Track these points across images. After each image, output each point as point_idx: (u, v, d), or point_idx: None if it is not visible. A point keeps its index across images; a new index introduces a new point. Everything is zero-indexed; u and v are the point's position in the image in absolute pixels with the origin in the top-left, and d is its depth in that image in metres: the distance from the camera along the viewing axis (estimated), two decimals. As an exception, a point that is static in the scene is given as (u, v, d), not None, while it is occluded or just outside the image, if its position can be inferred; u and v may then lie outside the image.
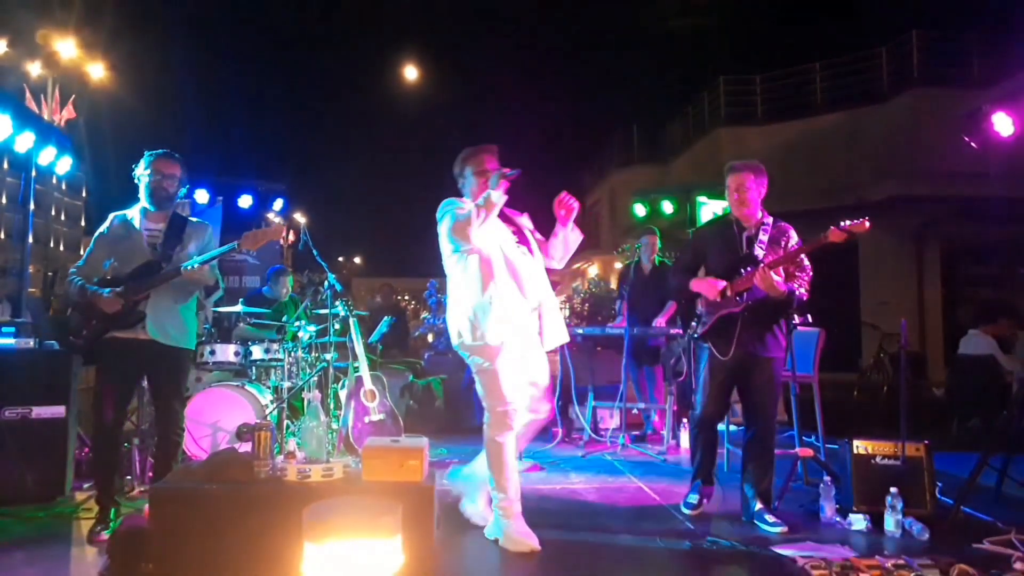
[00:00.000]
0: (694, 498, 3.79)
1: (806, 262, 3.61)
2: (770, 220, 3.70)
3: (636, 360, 5.96)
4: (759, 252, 3.57)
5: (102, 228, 3.57)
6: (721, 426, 4.35)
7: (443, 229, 3.26)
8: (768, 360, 3.60)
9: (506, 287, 3.19)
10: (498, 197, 3.12)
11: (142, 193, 3.52)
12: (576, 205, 3.34)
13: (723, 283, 3.57)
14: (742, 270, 3.54)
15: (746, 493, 3.66)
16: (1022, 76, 10.33)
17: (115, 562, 2.77)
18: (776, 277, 3.42)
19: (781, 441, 6.06)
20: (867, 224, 3.34)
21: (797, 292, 3.53)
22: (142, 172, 3.51)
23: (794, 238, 3.68)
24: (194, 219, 3.70)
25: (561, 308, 9.59)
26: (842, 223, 3.36)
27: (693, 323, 3.76)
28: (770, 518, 3.53)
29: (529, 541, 3.13)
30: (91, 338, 3.40)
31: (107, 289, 3.34)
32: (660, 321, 5.94)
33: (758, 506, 3.59)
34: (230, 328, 5.74)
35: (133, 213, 3.56)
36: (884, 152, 12.57)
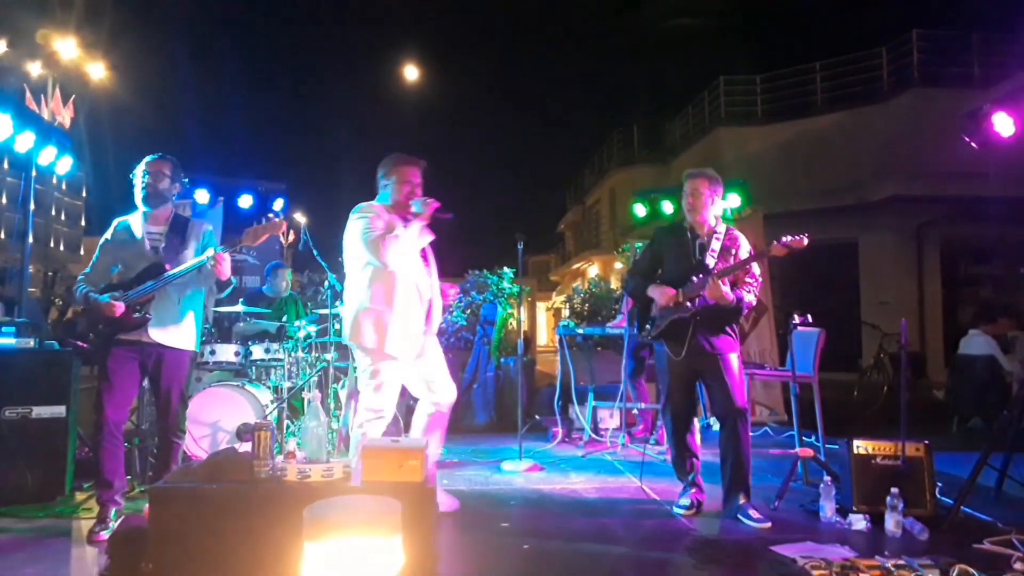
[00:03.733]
0: (686, 500, 3.80)
1: (756, 269, 3.77)
2: (723, 229, 3.82)
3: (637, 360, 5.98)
4: (710, 260, 3.71)
5: (106, 235, 3.58)
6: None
7: (355, 236, 3.51)
8: (720, 356, 3.69)
9: (409, 304, 3.52)
10: (415, 233, 3.48)
11: (137, 198, 3.54)
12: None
13: (673, 291, 3.70)
14: (693, 277, 3.67)
15: (726, 490, 3.70)
16: (1022, 76, 10.33)
17: (115, 562, 2.77)
18: (724, 287, 3.57)
19: (781, 441, 6.10)
20: (806, 241, 3.56)
21: (745, 299, 3.68)
22: (138, 174, 3.52)
23: (745, 247, 3.82)
24: (195, 219, 3.71)
25: (561, 307, 9.59)
26: (783, 238, 3.57)
27: (648, 326, 3.87)
28: (754, 514, 3.56)
29: None
30: (98, 343, 3.41)
31: (106, 296, 3.35)
32: (621, 321, 6.01)
33: (741, 501, 3.62)
34: (230, 328, 5.74)
35: (135, 218, 3.57)
36: (884, 152, 12.58)
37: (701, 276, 3.64)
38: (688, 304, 3.68)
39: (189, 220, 3.66)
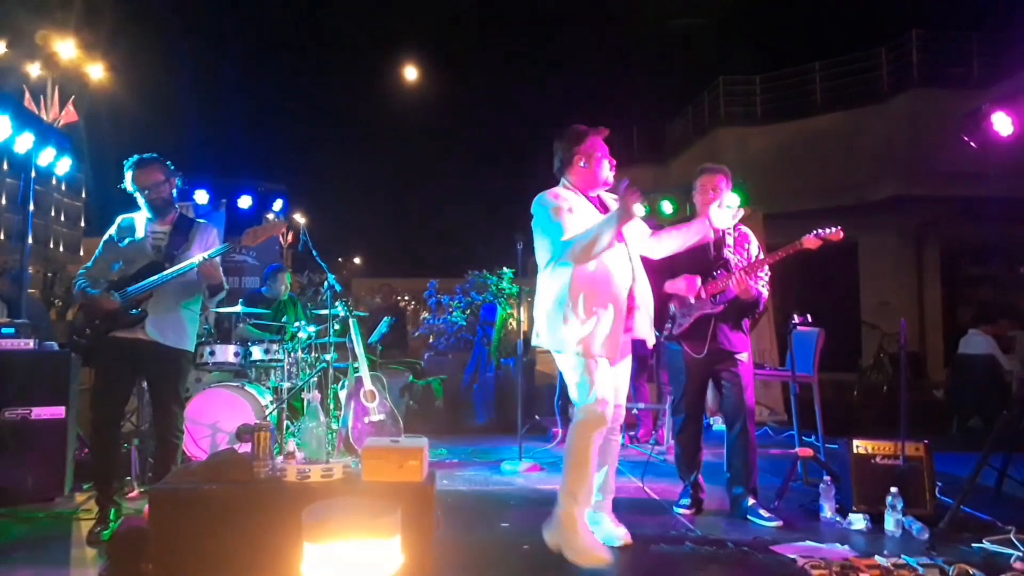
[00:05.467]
0: (686, 500, 3.81)
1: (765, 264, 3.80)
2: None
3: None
4: (729, 255, 3.71)
5: (110, 231, 3.58)
6: (719, 426, 4.38)
7: (537, 227, 3.13)
8: (739, 357, 3.70)
9: (604, 298, 3.05)
10: (639, 211, 2.99)
11: (142, 206, 3.54)
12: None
13: (696, 280, 3.65)
14: (715, 272, 3.66)
15: (735, 491, 3.70)
16: (1022, 76, 10.33)
17: (115, 562, 2.77)
18: (751, 281, 3.59)
19: (781, 441, 6.10)
20: (841, 233, 3.53)
21: (764, 294, 3.70)
22: (131, 188, 3.51)
23: (755, 242, 3.85)
24: (200, 220, 3.71)
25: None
26: (817, 231, 3.55)
27: (668, 324, 3.81)
28: (764, 512, 3.57)
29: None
30: (94, 337, 3.42)
31: (98, 290, 3.37)
32: None
33: (751, 501, 3.63)
34: (230, 329, 5.74)
35: (140, 216, 3.58)
36: (884, 152, 12.57)
37: (723, 271, 3.63)
38: (712, 300, 3.65)
39: (194, 221, 3.66)
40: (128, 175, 3.51)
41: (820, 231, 3.55)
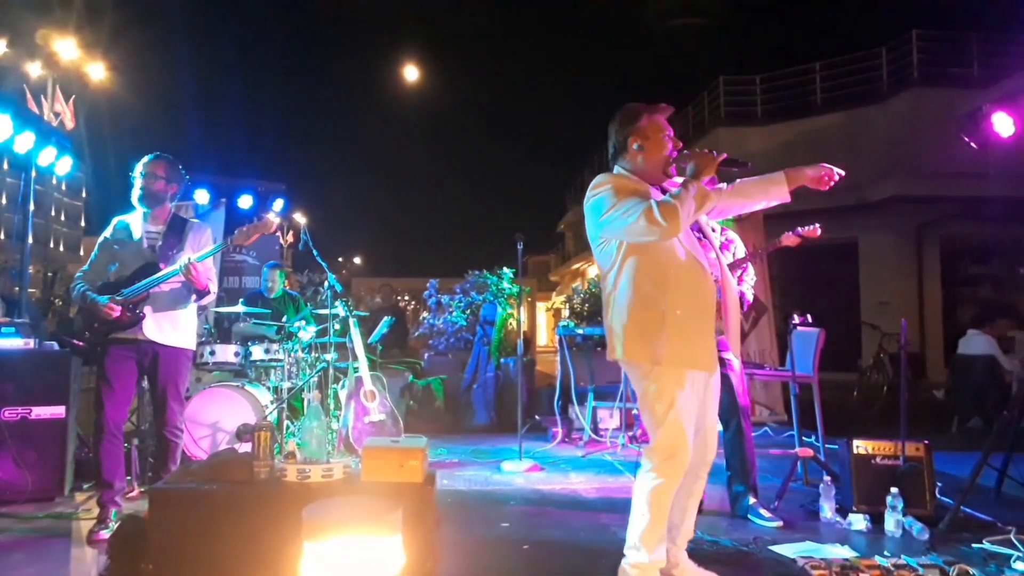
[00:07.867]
0: None
1: (749, 265, 3.89)
2: (718, 226, 3.83)
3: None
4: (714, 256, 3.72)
5: (105, 233, 3.59)
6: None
7: (618, 216, 2.55)
8: (726, 356, 3.65)
9: (686, 295, 2.57)
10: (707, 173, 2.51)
11: (134, 198, 3.55)
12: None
13: None
14: None
15: (735, 488, 3.71)
16: (1022, 76, 10.33)
17: (115, 562, 2.77)
18: (733, 280, 3.56)
19: (781, 441, 6.10)
20: (819, 231, 3.68)
21: (748, 295, 3.76)
22: (135, 175, 3.54)
23: (740, 244, 3.91)
24: (194, 220, 3.72)
25: (560, 308, 9.58)
26: (797, 228, 3.72)
27: None
28: (765, 512, 3.57)
29: None
30: (94, 341, 3.42)
31: (105, 297, 3.36)
32: None
33: (751, 500, 3.64)
34: (230, 328, 5.74)
35: (134, 217, 3.58)
36: (884, 152, 12.57)
37: None
38: None
39: (187, 221, 3.66)
40: (140, 163, 3.53)
41: (799, 229, 3.70)
